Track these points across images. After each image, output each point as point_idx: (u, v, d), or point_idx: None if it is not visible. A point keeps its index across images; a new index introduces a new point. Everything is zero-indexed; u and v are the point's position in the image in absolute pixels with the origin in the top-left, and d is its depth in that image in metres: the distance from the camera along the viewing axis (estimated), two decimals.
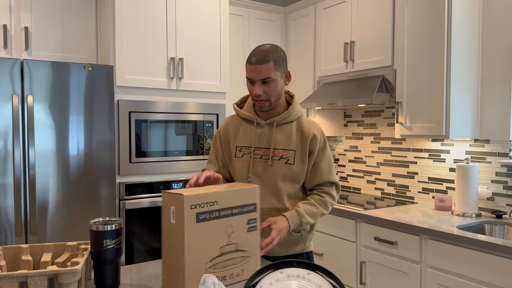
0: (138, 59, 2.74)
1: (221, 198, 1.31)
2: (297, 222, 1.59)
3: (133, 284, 1.35)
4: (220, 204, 1.30)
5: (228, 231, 1.32)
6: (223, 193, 1.31)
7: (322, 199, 1.68)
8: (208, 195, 1.27)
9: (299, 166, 1.63)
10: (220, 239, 1.30)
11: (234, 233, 1.34)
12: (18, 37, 2.66)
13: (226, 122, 1.75)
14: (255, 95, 1.58)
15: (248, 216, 1.38)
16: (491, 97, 2.54)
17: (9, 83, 2.31)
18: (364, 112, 3.38)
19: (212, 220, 1.28)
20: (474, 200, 2.47)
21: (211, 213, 1.28)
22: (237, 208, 1.35)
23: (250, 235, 1.39)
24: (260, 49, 1.56)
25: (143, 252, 2.76)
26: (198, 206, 1.25)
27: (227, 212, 1.32)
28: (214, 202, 1.28)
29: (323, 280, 1.19)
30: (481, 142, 2.60)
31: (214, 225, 1.29)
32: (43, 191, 2.41)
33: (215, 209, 1.29)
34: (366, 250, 2.57)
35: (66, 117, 2.47)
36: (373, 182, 3.33)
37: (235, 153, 1.68)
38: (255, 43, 3.55)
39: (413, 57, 2.62)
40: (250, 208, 1.38)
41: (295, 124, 1.67)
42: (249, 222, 1.38)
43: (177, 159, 2.88)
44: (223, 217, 1.31)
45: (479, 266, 1.98)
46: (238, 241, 1.35)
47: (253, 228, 1.40)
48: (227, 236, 1.32)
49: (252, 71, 1.56)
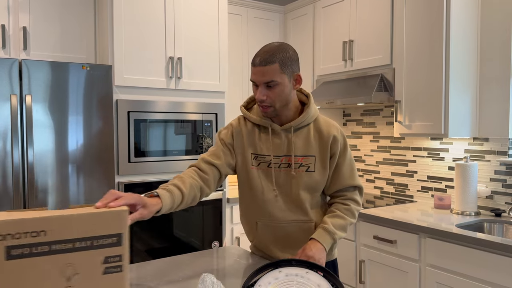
0: (137, 58, 2.74)
1: (54, 225, 0.95)
2: (330, 242, 1.45)
3: (133, 284, 1.35)
4: (52, 235, 0.95)
5: (66, 273, 0.97)
6: (58, 219, 0.95)
7: (347, 207, 1.53)
8: (28, 221, 0.92)
9: (320, 174, 1.50)
10: (50, 284, 0.95)
11: (79, 275, 0.98)
12: (16, 37, 2.65)
13: (240, 121, 1.57)
14: (257, 100, 1.43)
15: (105, 253, 1.00)
16: (489, 96, 2.54)
17: (8, 83, 2.31)
18: (363, 111, 3.38)
19: (36, 257, 0.94)
20: (473, 198, 2.47)
21: (33, 246, 0.93)
22: (85, 240, 0.98)
23: (108, 279, 1.00)
24: (266, 49, 1.41)
25: (143, 252, 2.76)
26: (10, 237, 0.91)
27: (65, 246, 0.96)
28: (39, 231, 0.94)
29: (322, 279, 1.19)
30: (480, 141, 2.60)
31: (40, 265, 0.94)
32: (42, 191, 2.41)
33: (42, 241, 0.94)
34: (365, 249, 2.58)
35: (65, 117, 2.47)
36: (372, 181, 3.34)
37: (251, 161, 1.52)
38: (254, 42, 3.55)
39: (412, 56, 2.62)
40: (109, 240, 1.00)
41: (312, 126, 1.52)
42: (108, 261, 1.00)
43: (176, 158, 2.87)
44: (56, 252, 0.95)
45: (478, 264, 1.98)
46: (86, 287, 0.99)
47: (115, 270, 1.01)
48: (64, 280, 0.97)
49: (255, 73, 1.41)
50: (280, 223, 1.52)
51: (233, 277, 1.42)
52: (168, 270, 1.48)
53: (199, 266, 1.53)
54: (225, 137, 1.55)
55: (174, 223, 2.86)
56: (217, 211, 3.01)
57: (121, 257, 1.01)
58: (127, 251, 1.02)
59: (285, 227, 1.52)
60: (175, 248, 2.87)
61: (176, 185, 1.37)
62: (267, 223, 1.54)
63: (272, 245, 1.56)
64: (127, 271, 1.02)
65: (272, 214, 1.52)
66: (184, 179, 1.41)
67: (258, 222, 1.55)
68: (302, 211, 1.51)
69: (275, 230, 1.54)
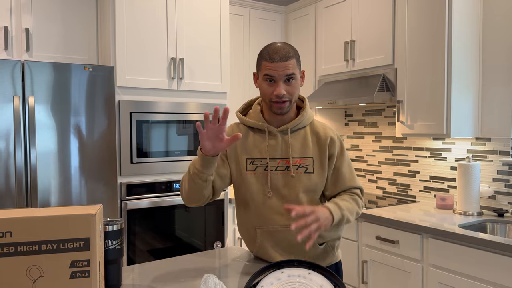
0: (139, 59, 2.75)
1: (19, 226, 0.95)
2: (339, 215, 1.40)
3: (135, 285, 1.35)
4: (17, 236, 0.95)
5: (32, 275, 0.97)
6: (23, 220, 0.96)
7: (353, 197, 1.52)
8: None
9: (319, 175, 1.50)
10: (16, 286, 0.96)
11: (45, 278, 0.98)
12: (19, 39, 2.66)
13: (233, 130, 1.58)
14: (277, 96, 1.43)
15: (72, 256, 0.99)
16: (492, 95, 2.53)
17: (10, 85, 2.32)
18: (365, 111, 3.38)
19: (1, 257, 0.95)
20: (475, 198, 2.46)
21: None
22: (50, 243, 0.98)
23: (75, 284, 1.00)
24: (279, 46, 1.44)
25: (145, 253, 2.76)
26: None
27: (31, 247, 0.96)
28: (5, 232, 0.95)
29: (324, 280, 1.19)
30: (483, 141, 2.59)
31: (5, 266, 0.95)
32: (44, 192, 2.42)
33: (8, 242, 0.95)
34: (367, 249, 2.57)
35: (67, 118, 2.48)
36: (375, 181, 3.33)
37: (246, 166, 1.51)
38: (255, 42, 3.55)
39: (414, 55, 2.62)
40: (76, 244, 1.00)
41: (309, 128, 1.54)
42: (74, 265, 0.99)
43: (178, 159, 2.88)
44: (22, 254, 0.96)
45: (481, 264, 1.98)
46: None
47: (82, 274, 1.00)
48: (30, 282, 0.97)
49: (275, 68, 1.41)
50: (279, 228, 1.51)
51: (235, 278, 1.42)
52: (171, 271, 1.49)
53: (201, 267, 1.53)
54: (221, 156, 1.54)
55: (177, 224, 2.86)
56: (219, 212, 3.02)
57: (89, 262, 1.00)
58: (96, 256, 1.02)
59: (284, 231, 1.51)
60: (177, 248, 2.88)
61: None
62: (266, 229, 1.52)
63: (273, 251, 1.54)
64: (96, 277, 1.01)
65: (270, 219, 1.51)
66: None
67: (257, 229, 1.53)
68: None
69: (275, 235, 1.52)
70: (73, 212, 1.00)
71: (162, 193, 2.82)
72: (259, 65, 1.48)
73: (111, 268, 1.29)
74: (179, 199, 2.86)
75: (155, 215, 2.78)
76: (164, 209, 2.81)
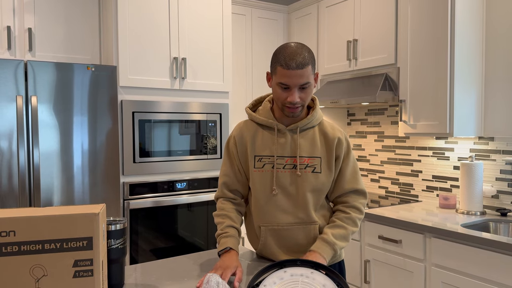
0: (141, 59, 2.75)
1: (23, 226, 0.96)
2: (330, 252, 1.44)
3: (138, 284, 1.35)
4: (21, 235, 0.96)
5: (35, 275, 0.98)
6: (26, 220, 0.96)
7: (348, 215, 1.52)
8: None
9: (326, 175, 1.50)
10: (19, 285, 0.97)
11: (47, 277, 0.98)
12: (21, 38, 2.67)
13: (241, 128, 1.57)
14: (290, 103, 1.42)
15: (75, 256, 1.00)
16: (495, 95, 2.52)
17: (13, 84, 2.32)
18: (368, 110, 3.38)
19: (5, 256, 0.95)
20: (478, 198, 2.46)
21: (2, 246, 0.95)
22: (54, 242, 0.98)
23: (78, 283, 1.01)
24: (295, 51, 1.40)
25: (148, 252, 2.76)
26: None
27: (34, 247, 0.97)
28: (9, 231, 0.95)
29: (327, 279, 1.19)
30: (485, 140, 2.59)
31: (9, 265, 0.95)
32: (47, 192, 2.42)
33: (11, 241, 0.95)
34: (370, 248, 2.57)
35: (70, 117, 2.48)
36: (377, 180, 3.33)
37: (254, 164, 1.52)
38: (257, 42, 3.55)
39: (417, 55, 2.61)
40: (80, 244, 1.00)
41: (317, 128, 1.54)
42: (78, 264, 1.00)
43: (180, 158, 2.88)
44: (25, 253, 0.96)
45: (484, 264, 1.98)
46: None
47: (86, 274, 1.01)
48: (33, 281, 0.98)
49: (290, 76, 1.39)
50: (283, 226, 1.51)
51: None
52: (173, 270, 1.49)
53: (204, 266, 1.53)
54: (232, 148, 1.58)
55: (179, 223, 2.86)
56: None
57: (92, 261, 1.01)
58: (100, 255, 1.02)
59: (288, 229, 1.51)
60: (180, 248, 2.88)
61: (232, 226, 1.52)
62: (271, 226, 1.52)
63: (277, 250, 1.54)
64: (99, 276, 1.02)
65: (275, 217, 1.51)
66: (230, 215, 1.54)
67: (262, 227, 1.54)
68: (306, 212, 1.50)
69: (279, 234, 1.52)
70: (76, 212, 1.01)
71: (165, 192, 2.82)
72: (273, 68, 1.46)
73: (114, 267, 1.29)
74: (182, 199, 2.86)
75: (157, 215, 2.79)
76: (166, 209, 2.81)
